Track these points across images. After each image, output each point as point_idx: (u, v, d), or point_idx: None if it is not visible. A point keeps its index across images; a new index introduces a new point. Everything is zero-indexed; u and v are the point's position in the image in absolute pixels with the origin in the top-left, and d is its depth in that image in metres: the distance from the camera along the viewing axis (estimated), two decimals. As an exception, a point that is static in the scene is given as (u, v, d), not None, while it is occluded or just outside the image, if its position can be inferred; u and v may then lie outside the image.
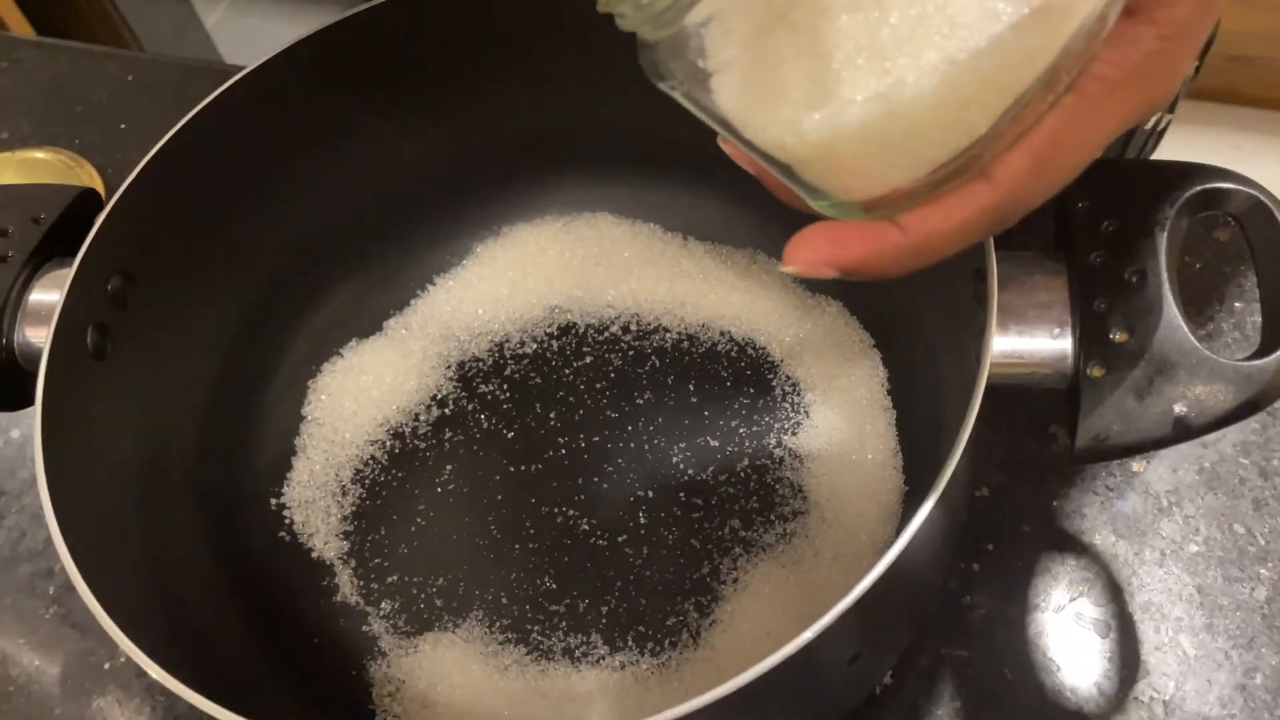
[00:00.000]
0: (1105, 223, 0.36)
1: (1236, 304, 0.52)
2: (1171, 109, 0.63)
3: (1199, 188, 0.35)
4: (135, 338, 0.44)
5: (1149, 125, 0.64)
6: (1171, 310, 0.34)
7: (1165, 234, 0.35)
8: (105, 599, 0.34)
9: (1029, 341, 0.36)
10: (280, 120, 0.49)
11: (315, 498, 0.51)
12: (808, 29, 0.26)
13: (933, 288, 0.45)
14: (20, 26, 1.23)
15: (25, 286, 0.43)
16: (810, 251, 0.30)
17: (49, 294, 0.43)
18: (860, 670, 0.38)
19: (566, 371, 0.53)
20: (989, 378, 0.34)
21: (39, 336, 0.42)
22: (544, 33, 0.51)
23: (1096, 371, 0.34)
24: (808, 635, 0.30)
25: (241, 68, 0.46)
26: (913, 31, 0.25)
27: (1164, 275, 0.34)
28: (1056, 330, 0.36)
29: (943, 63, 0.25)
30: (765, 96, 0.28)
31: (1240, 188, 0.35)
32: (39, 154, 0.68)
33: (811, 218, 0.31)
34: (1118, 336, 0.34)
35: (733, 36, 0.27)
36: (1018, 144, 0.27)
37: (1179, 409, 0.33)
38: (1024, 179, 0.27)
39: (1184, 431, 0.33)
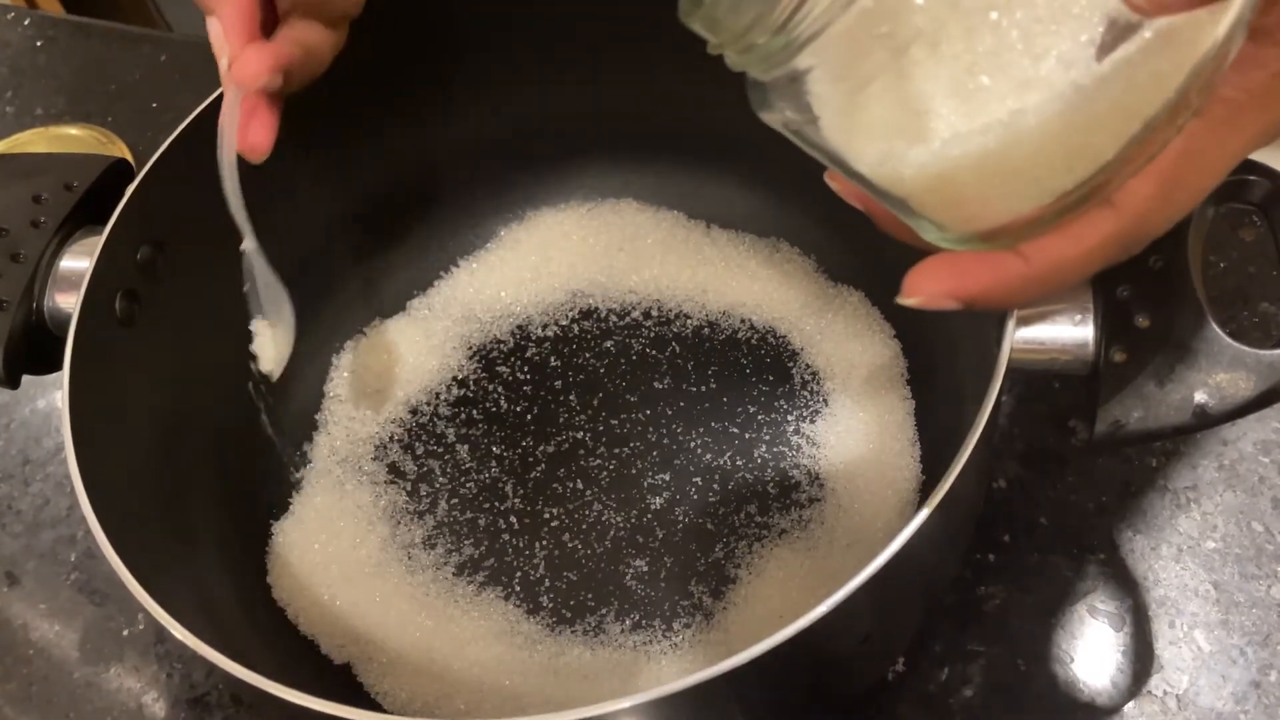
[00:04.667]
0: (1130, 210, 0.36)
1: (1262, 304, 0.52)
2: None
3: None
4: (163, 307, 0.45)
5: None
6: (1195, 298, 0.34)
7: (1191, 222, 0.35)
8: (129, 562, 0.35)
9: (1050, 328, 0.36)
10: (306, 99, 0.49)
11: (335, 472, 0.51)
12: (923, 59, 0.26)
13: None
14: (50, 5, 1.24)
15: (57, 252, 0.44)
16: (933, 282, 0.29)
17: (80, 261, 0.44)
18: (872, 650, 0.38)
19: (587, 355, 0.54)
20: (1010, 364, 0.34)
21: (69, 302, 0.43)
22: (575, 19, 0.51)
23: (1118, 357, 0.34)
24: (821, 610, 0.30)
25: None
26: (1025, 60, 0.24)
27: (1188, 262, 0.34)
28: (1078, 316, 0.36)
29: (1068, 88, 0.24)
30: (878, 129, 0.27)
31: (1265, 179, 0.35)
32: (72, 130, 0.69)
33: (914, 251, 0.30)
34: (1140, 322, 0.34)
35: (842, 74, 0.26)
36: (1144, 170, 0.26)
37: (1200, 396, 0.33)
38: (1150, 204, 0.27)
39: (1204, 419, 0.33)
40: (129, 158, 0.67)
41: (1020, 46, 0.24)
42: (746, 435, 0.50)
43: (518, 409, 0.52)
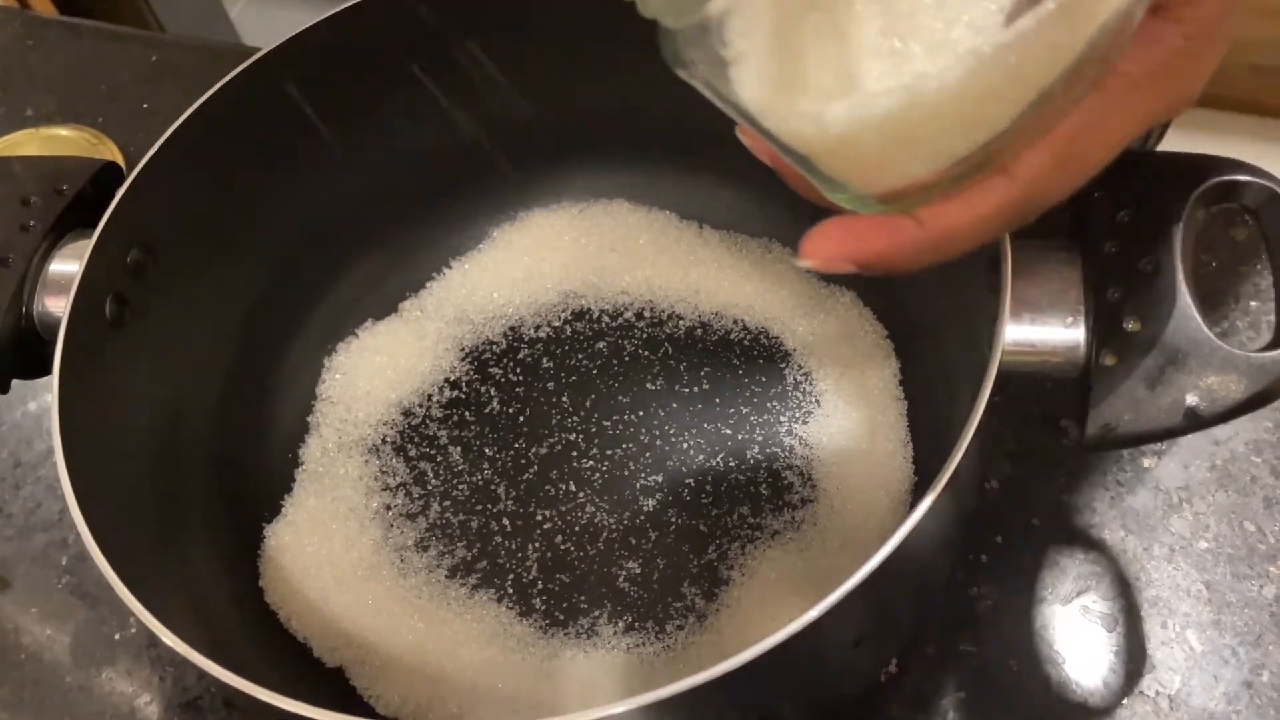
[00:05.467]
0: (1121, 212, 0.36)
1: (1252, 303, 0.52)
2: None
3: (1216, 179, 0.35)
4: (154, 310, 0.45)
5: None
6: (1185, 300, 0.34)
7: (1181, 225, 0.35)
8: (119, 567, 0.35)
9: (1042, 330, 0.36)
10: (299, 101, 0.50)
11: (327, 474, 0.51)
12: (832, 19, 0.26)
13: (947, 278, 0.45)
14: (43, 6, 1.24)
15: (46, 256, 0.44)
16: (828, 245, 0.29)
17: (69, 264, 0.44)
18: (865, 653, 0.38)
19: (579, 356, 0.54)
20: (1001, 366, 0.34)
21: (58, 306, 0.43)
22: (564, 18, 0.51)
23: (1109, 360, 0.34)
24: (813, 613, 0.30)
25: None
26: (938, 24, 0.25)
27: (1178, 266, 0.34)
28: (1069, 319, 0.36)
29: (968, 55, 0.25)
30: (786, 86, 0.27)
31: (1257, 180, 0.35)
32: (63, 131, 0.69)
33: (828, 211, 0.31)
34: (1131, 326, 0.34)
35: (755, 25, 0.27)
36: (1039, 140, 0.27)
37: (1190, 399, 0.33)
38: (1045, 175, 0.27)
39: (1195, 421, 0.33)
40: (120, 159, 0.67)
41: (934, 10, 0.25)
42: (739, 436, 0.50)
43: (510, 410, 0.52)
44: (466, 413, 0.52)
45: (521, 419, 0.52)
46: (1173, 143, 0.48)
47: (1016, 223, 0.29)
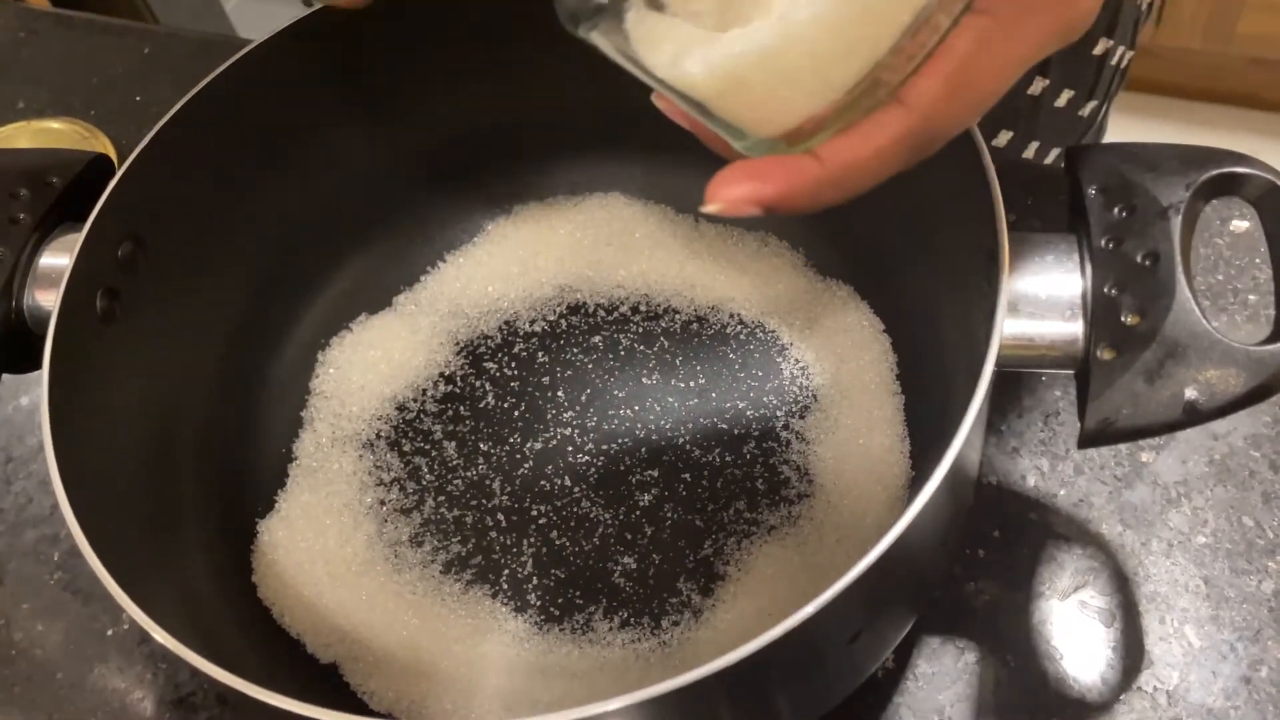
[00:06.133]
0: (1119, 205, 0.35)
1: (1250, 297, 0.51)
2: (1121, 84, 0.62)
3: (1215, 171, 0.35)
4: (145, 304, 0.44)
5: (1114, 61, 0.64)
6: (1184, 294, 0.34)
7: (1180, 217, 0.35)
8: (110, 563, 0.34)
9: (1039, 324, 0.36)
10: (292, 93, 0.49)
11: (321, 469, 0.51)
12: None
13: (944, 271, 0.45)
14: (37, -2, 1.23)
15: (36, 249, 0.43)
16: (731, 188, 0.29)
17: (59, 258, 0.43)
18: (862, 648, 0.38)
19: (575, 350, 0.53)
20: (999, 360, 0.34)
21: (49, 300, 0.42)
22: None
23: (1107, 354, 0.34)
24: (810, 609, 0.30)
25: (258, 42, 0.46)
26: None
27: (1177, 259, 0.34)
28: (1067, 312, 0.35)
29: None
30: (671, 31, 0.28)
31: (1257, 172, 0.35)
32: (54, 124, 0.68)
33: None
34: (1129, 319, 0.34)
35: None
36: (930, 68, 0.27)
37: (1189, 393, 0.33)
38: (939, 104, 0.27)
39: (1194, 415, 0.33)
40: (111, 152, 0.66)
41: None
42: (735, 431, 0.50)
43: (505, 405, 0.52)
44: (461, 407, 0.52)
45: (516, 413, 0.52)
46: (1170, 136, 0.48)
47: (917, 155, 0.28)
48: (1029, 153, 0.68)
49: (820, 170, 0.28)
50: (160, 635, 0.33)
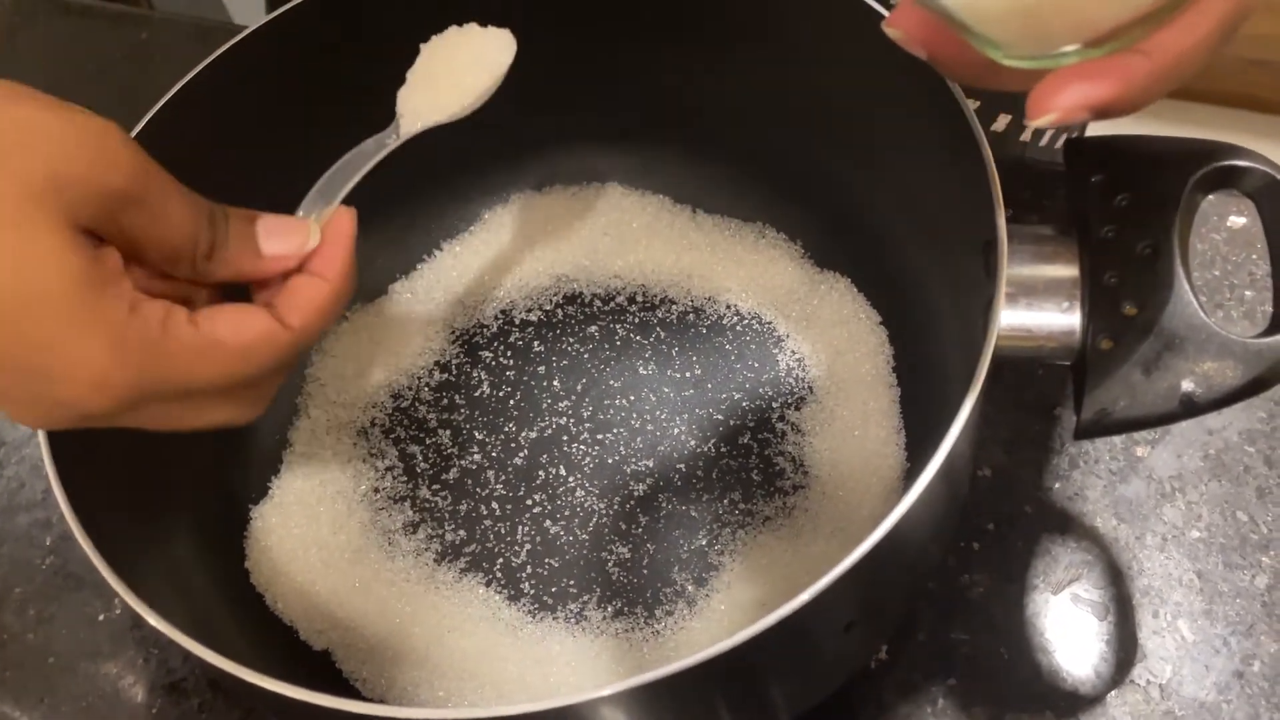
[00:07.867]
0: (1119, 197, 0.35)
1: (1247, 293, 0.51)
2: None
3: (1215, 164, 0.35)
4: (139, 288, 0.44)
5: None
6: (1182, 286, 0.34)
7: (1179, 210, 0.34)
8: (103, 548, 0.34)
9: (1037, 315, 0.36)
10: (288, 79, 0.49)
11: (315, 456, 0.50)
12: None
13: (942, 263, 0.45)
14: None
15: (30, 233, 0.43)
16: (1061, 95, 0.28)
17: (54, 241, 0.43)
18: (855, 639, 0.38)
19: (571, 340, 0.53)
20: (996, 351, 0.34)
21: (43, 283, 0.42)
22: (560, 2, 0.50)
23: (1104, 345, 0.34)
24: (804, 598, 0.30)
25: (254, 28, 0.46)
26: None
27: (1176, 251, 0.34)
28: (1065, 304, 0.35)
29: None
30: None
31: (1256, 165, 0.35)
32: (49, 109, 0.68)
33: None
34: (1127, 310, 0.34)
35: None
36: None
37: (1186, 385, 0.33)
38: None
39: (1190, 408, 0.33)
40: (108, 137, 0.66)
41: None
42: (731, 422, 0.49)
43: (500, 394, 0.52)
44: (456, 396, 0.52)
45: (512, 402, 0.52)
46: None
47: (1231, 34, 0.29)
48: (1026, 136, 0.67)
49: (1151, 65, 0.28)
50: (153, 619, 0.33)
